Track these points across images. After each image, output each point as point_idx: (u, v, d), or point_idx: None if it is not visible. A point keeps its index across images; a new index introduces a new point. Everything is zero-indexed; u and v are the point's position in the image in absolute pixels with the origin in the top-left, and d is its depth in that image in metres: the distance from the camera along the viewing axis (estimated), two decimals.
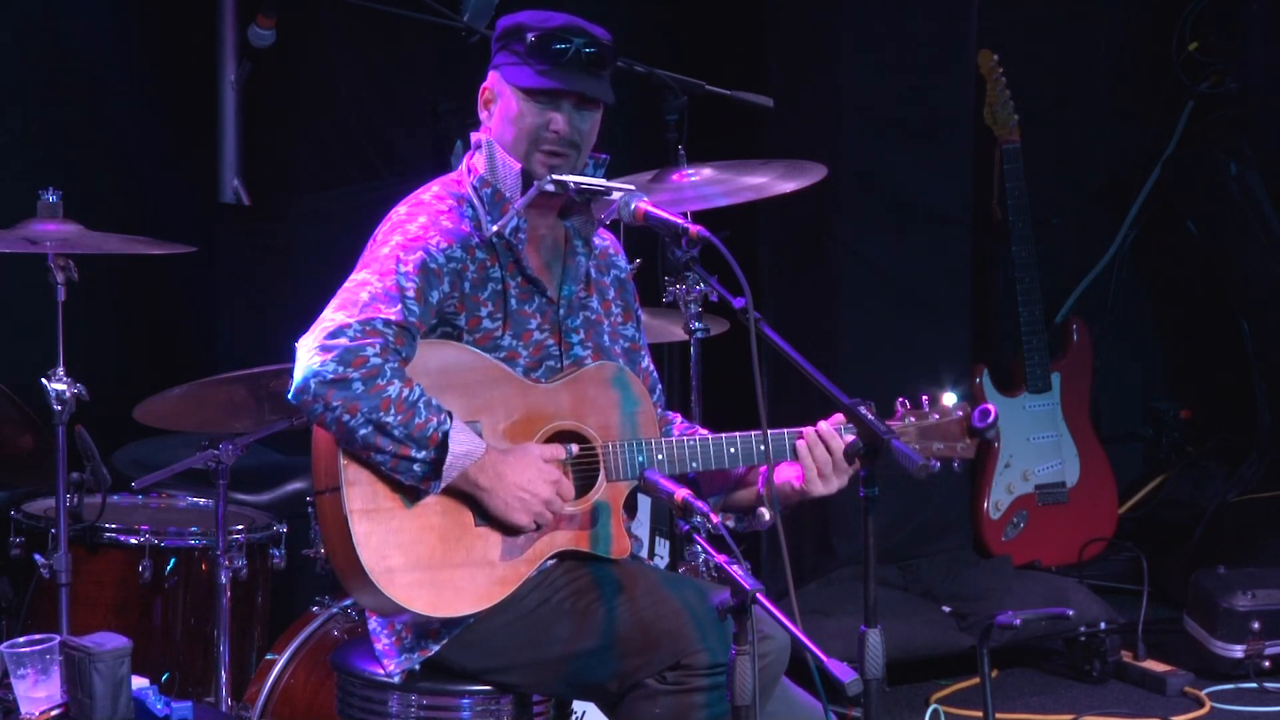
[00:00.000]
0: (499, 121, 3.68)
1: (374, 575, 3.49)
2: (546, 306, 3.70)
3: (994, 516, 6.70)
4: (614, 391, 3.68)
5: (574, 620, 3.56)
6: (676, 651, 3.48)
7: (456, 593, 3.53)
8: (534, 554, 3.60)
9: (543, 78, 3.62)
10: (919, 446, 3.66)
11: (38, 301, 4.40)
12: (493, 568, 3.56)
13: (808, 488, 3.63)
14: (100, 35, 5.75)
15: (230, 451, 4.43)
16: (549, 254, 3.74)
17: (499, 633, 3.58)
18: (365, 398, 3.42)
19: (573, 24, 3.66)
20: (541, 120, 3.64)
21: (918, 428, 3.67)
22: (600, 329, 3.77)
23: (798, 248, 6.33)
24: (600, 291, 3.81)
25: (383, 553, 3.50)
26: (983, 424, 3.61)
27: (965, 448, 3.70)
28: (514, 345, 3.65)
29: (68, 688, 3.87)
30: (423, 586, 3.51)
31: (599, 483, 3.65)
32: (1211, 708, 5.73)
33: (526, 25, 3.65)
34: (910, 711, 5.64)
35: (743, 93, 4.85)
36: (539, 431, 3.62)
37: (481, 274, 3.63)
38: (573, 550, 3.64)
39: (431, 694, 3.65)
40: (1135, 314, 7.57)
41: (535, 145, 3.64)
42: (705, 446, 3.66)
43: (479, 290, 3.63)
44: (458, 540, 3.55)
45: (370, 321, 3.46)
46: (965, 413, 3.69)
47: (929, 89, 6.31)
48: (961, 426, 3.69)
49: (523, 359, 3.65)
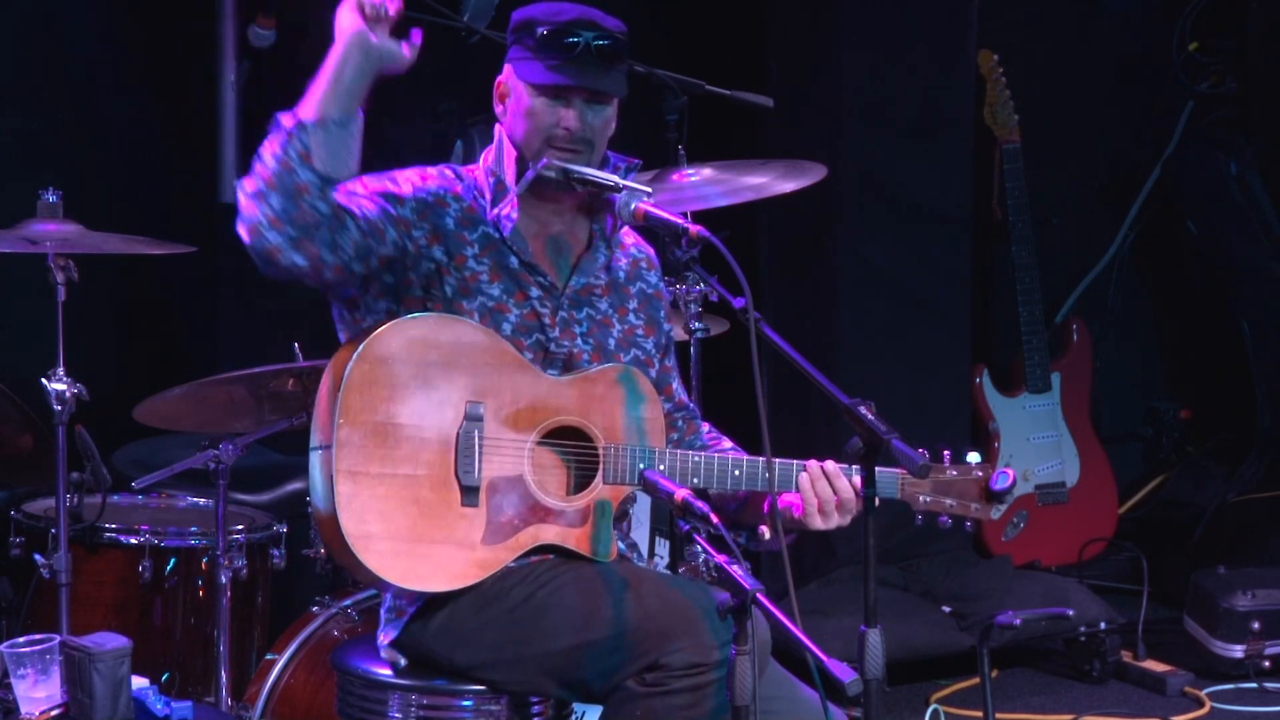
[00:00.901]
0: (511, 116, 3.69)
1: (350, 538, 3.48)
2: (548, 286, 3.69)
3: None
4: (624, 395, 3.66)
5: (560, 614, 3.54)
6: (656, 650, 3.46)
7: (433, 568, 3.52)
8: (517, 543, 3.58)
9: (552, 73, 3.61)
10: (931, 499, 3.64)
11: (38, 301, 4.40)
12: (473, 550, 3.55)
13: (806, 520, 3.63)
14: (100, 35, 5.75)
15: (230, 451, 4.43)
16: (555, 247, 3.72)
17: (486, 627, 3.57)
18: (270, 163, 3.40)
19: (585, 16, 3.65)
20: (553, 117, 3.63)
21: (932, 481, 3.65)
22: (607, 331, 3.75)
23: (798, 248, 6.33)
24: (618, 296, 3.78)
25: (362, 517, 3.49)
26: (1000, 487, 3.61)
27: (979, 510, 3.69)
28: (504, 299, 3.63)
29: (68, 688, 3.87)
30: (398, 556, 3.50)
31: (595, 482, 3.64)
32: (1211, 708, 5.73)
33: (537, 19, 3.64)
34: (910, 711, 5.64)
35: (743, 93, 4.85)
36: (541, 423, 3.61)
37: (469, 217, 3.63)
38: (559, 546, 3.63)
39: (431, 694, 3.65)
40: (1135, 314, 7.57)
41: (548, 142, 3.63)
42: (710, 465, 3.65)
43: (465, 230, 3.63)
44: (440, 518, 3.53)
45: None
46: (985, 474, 3.66)
47: (929, 89, 6.32)
48: (979, 487, 3.68)
49: (512, 316, 3.63)
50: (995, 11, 6.67)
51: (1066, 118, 7.27)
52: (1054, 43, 7.23)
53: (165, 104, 5.83)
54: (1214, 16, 7.35)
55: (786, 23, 6.28)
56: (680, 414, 3.86)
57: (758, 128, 5.94)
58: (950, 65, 6.37)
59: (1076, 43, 7.31)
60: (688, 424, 3.87)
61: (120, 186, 5.76)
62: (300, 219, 3.39)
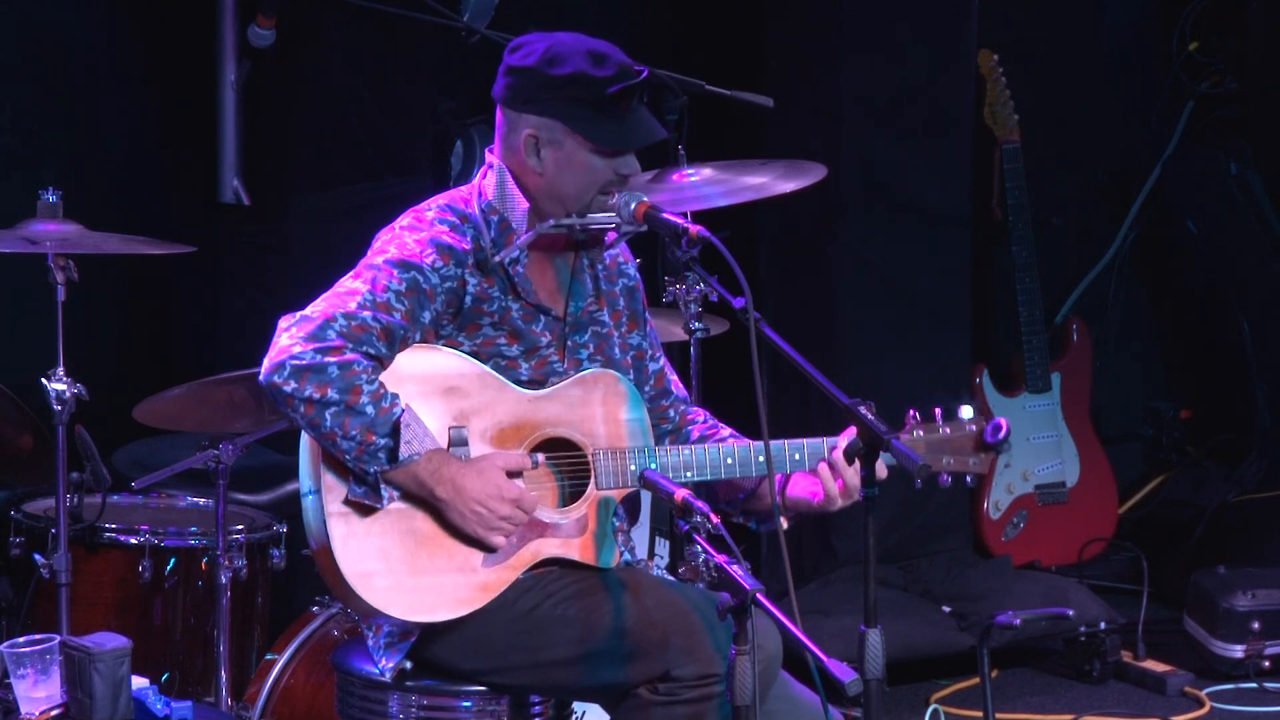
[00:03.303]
0: (554, 171, 3.60)
1: (351, 579, 3.49)
2: (554, 324, 3.68)
3: (994, 516, 6.70)
4: (608, 399, 3.66)
5: (568, 625, 3.55)
6: (667, 661, 3.46)
7: (436, 597, 3.52)
8: (519, 561, 3.58)
9: (622, 135, 3.57)
10: (929, 460, 3.62)
11: (38, 301, 4.40)
12: (475, 573, 3.55)
13: (827, 505, 3.63)
14: (100, 35, 5.75)
15: (230, 451, 4.43)
16: (558, 275, 3.71)
17: (493, 635, 3.57)
18: (339, 380, 3.42)
19: (625, 62, 3.59)
20: (613, 174, 3.60)
21: (926, 441, 3.62)
22: (611, 341, 3.74)
23: (798, 247, 6.33)
24: (610, 303, 3.77)
25: (361, 556, 3.50)
26: (995, 439, 3.58)
27: (978, 463, 3.65)
28: (517, 356, 3.63)
29: (68, 688, 3.87)
30: (401, 591, 3.50)
31: (588, 491, 3.63)
32: (1211, 708, 5.73)
33: (591, 75, 3.55)
34: (910, 711, 5.64)
35: (743, 93, 4.85)
36: (527, 438, 3.60)
37: (481, 291, 3.61)
38: (561, 558, 3.62)
39: (431, 694, 3.65)
40: (1135, 314, 7.56)
41: (600, 191, 3.61)
42: (701, 457, 3.64)
43: (481, 303, 3.61)
44: (439, 545, 3.53)
45: (355, 317, 3.46)
46: (979, 427, 3.63)
47: (929, 89, 6.31)
48: (974, 441, 3.64)
49: (524, 370, 3.63)
50: (995, 11, 6.66)
51: (1066, 118, 7.26)
52: (1054, 43, 7.22)
53: (165, 104, 5.82)
54: (1214, 16, 7.34)
55: (786, 22, 6.28)
56: (670, 402, 3.85)
57: (758, 128, 5.93)
58: (950, 65, 6.37)
59: (1076, 43, 7.30)
60: (680, 415, 3.86)
61: (120, 186, 5.75)
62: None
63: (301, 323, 3.47)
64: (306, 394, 3.41)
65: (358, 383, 3.42)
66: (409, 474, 3.47)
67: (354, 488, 3.49)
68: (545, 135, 3.60)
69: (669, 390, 3.85)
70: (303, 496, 3.58)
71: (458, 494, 3.49)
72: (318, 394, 3.41)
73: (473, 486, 3.49)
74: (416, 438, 3.46)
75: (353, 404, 3.41)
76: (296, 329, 3.46)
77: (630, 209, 3.56)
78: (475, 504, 3.49)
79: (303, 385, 3.41)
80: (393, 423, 3.43)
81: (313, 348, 3.43)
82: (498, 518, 3.51)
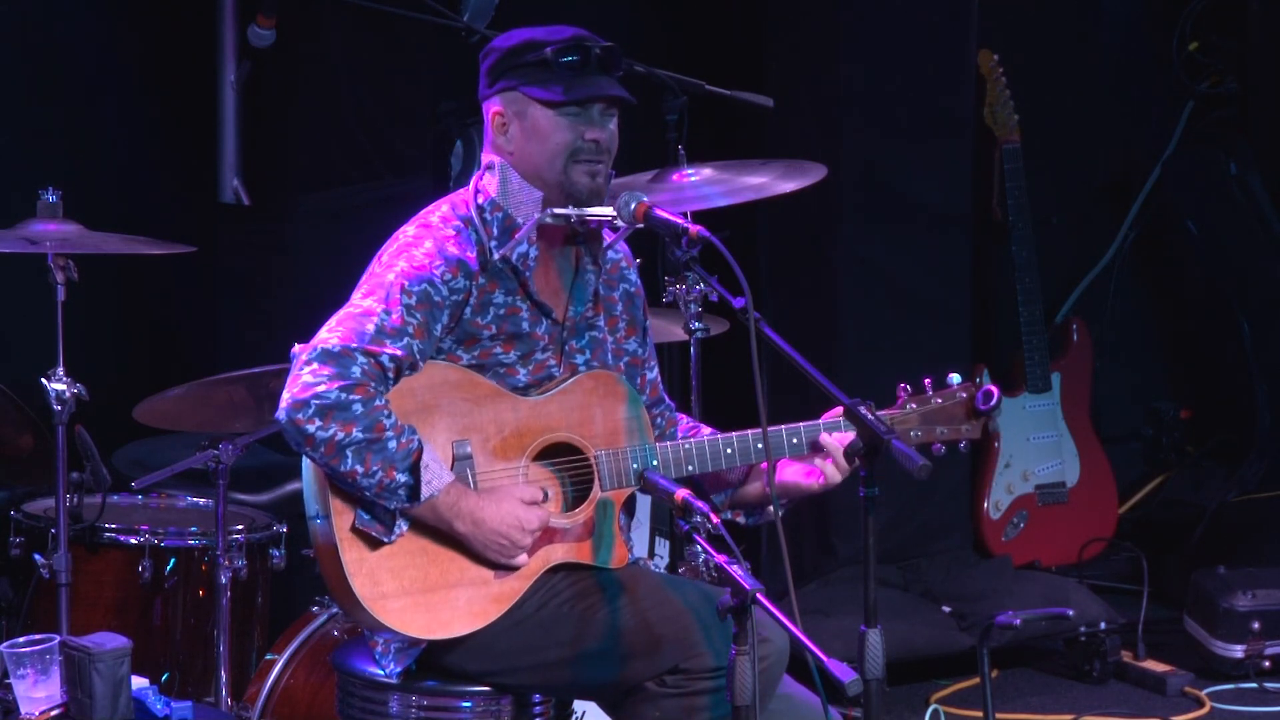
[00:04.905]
0: (522, 143, 3.62)
1: (366, 602, 3.50)
2: (553, 328, 3.68)
3: (994, 516, 6.70)
4: (605, 400, 3.66)
5: (576, 624, 3.56)
6: (677, 655, 3.48)
7: (452, 613, 3.54)
8: (530, 570, 3.60)
9: (574, 89, 3.57)
10: (922, 432, 3.64)
11: (38, 301, 4.40)
12: (488, 585, 3.57)
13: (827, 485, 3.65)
14: (100, 35, 5.75)
15: (230, 451, 4.43)
16: (561, 276, 3.71)
17: (500, 637, 3.58)
18: (363, 419, 3.42)
19: (580, 32, 3.62)
20: (575, 133, 3.59)
21: (920, 413, 3.64)
22: (606, 347, 3.75)
23: (798, 247, 6.33)
24: (608, 308, 3.78)
25: (375, 578, 3.50)
26: (986, 406, 3.61)
27: (970, 429, 3.67)
28: (514, 362, 3.63)
29: (68, 688, 3.87)
30: (417, 610, 3.52)
31: (593, 493, 3.64)
32: (1211, 708, 5.73)
33: (539, 40, 3.60)
34: (910, 711, 5.64)
35: (743, 93, 4.85)
36: (529, 446, 3.60)
37: (482, 299, 3.60)
38: (571, 562, 3.63)
39: (431, 694, 3.65)
40: (1135, 314, 7.56)
41: (572, 159, 3.59)
42: (701, 449, 3.65)
43: (479, 315, 3.60)
44: (450, 560, 3.54)
45: (377, 356, 3.46)
46: (969, 394, 3.66)
47: (929, 89, 6.31)
48: (965, 408, 3.67)
49: (522, 376, 3.63)
50: (995, 11, 6.66)
51: (1066, 118, 7.26)
52: (1054, 43, 7.22)
53: (165, 104, 5.82)
54: (1214, 16, 7.34)
55: (786, 23, 6.28)
56: (660, 409, 3.86)
57: (758, 128, 5.93)
58: (950, 65, 6.37)
59: (1076, 43, 7.31)
60: (667, 420, 3.87)
61: (120, 186, 5.75)
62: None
63: (324, 358, 3.45)
64: (329, 434, 3.41)
65: (380, 419, 3.43)
66: (428, 508, 3.50)
67: (361, 514, 3.50)
68: (510, 109, 3.63)
69: (662, 398, 3.88)
70: (309, 520, 3.58)
71: (477, 527, 3.51)
72: (342, 432, 3.41)
73: (491, 518, 3.51)
74: (435, 476, 3.47)
75: (375, 440, 3.42)
76: (320, 365, 3.44)
77: (630, 209, 3.56)
78: (496, 536, 3.52)
79: (327, 424, 3.41)
80: (412, 458, 3.44)
81: (337, 386, 3.42)
82: (519, 549, 3.54)
